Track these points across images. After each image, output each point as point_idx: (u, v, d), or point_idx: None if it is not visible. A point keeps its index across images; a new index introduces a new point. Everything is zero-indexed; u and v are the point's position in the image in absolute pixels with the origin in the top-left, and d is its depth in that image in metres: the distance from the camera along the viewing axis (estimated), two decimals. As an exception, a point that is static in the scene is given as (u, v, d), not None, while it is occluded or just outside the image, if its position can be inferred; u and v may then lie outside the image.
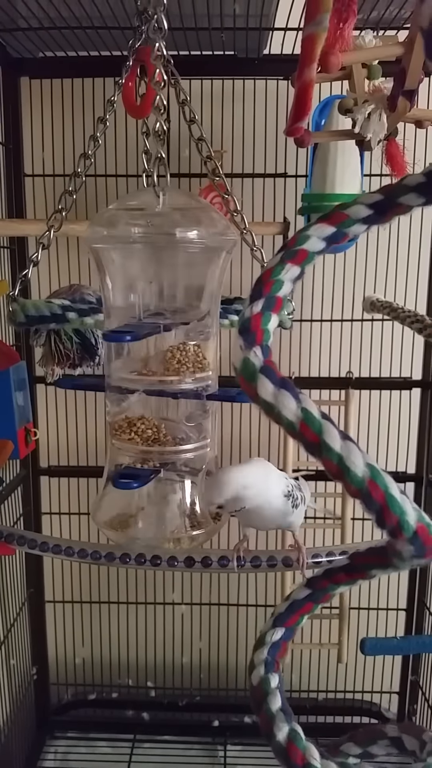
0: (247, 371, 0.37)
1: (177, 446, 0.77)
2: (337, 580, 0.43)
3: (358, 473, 0.34)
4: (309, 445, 0.35)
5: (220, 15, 0.99)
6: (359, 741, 0.55)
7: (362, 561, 0.41)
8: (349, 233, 0.39)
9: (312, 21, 0.55)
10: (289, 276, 0.39)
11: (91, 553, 0.80)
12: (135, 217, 0.75)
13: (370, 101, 0.75)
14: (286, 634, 0.45)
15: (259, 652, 0.44)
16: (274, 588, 1.41)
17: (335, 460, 0.34)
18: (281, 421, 0.36)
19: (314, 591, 0.44)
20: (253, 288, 0.39)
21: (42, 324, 0.86)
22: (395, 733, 0.55)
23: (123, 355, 0.79)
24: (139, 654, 1.49)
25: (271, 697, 0.42)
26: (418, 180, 0.37)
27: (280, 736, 0.41)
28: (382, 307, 1.08)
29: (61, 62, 1.17)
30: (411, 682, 1.41)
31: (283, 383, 0.36)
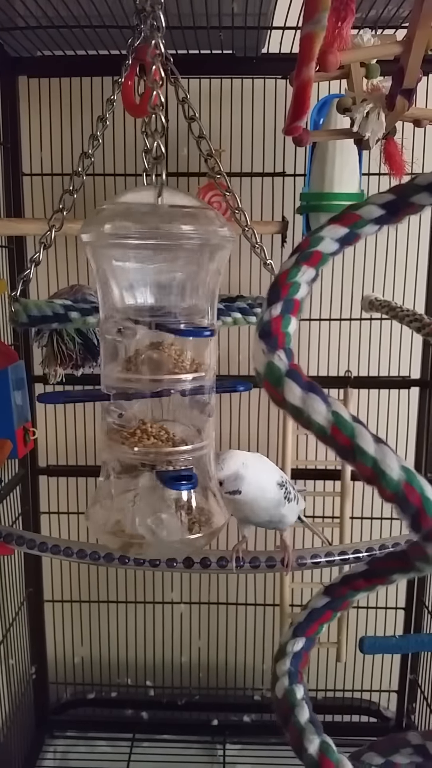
0: (273, 376, 0.36)
1: (189, 445, 0.77)
2: (357, 586, 0.42)
3: (394, 477, 0.33)
4: (341, 450, 0.34)
5: (218, 14, 0.99)
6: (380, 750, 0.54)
7: (382, 566, 0.40)
8: (362, 234, 0.39)
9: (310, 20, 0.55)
10: (305, 278, 0.38)
11: (90, 554, 0.80)
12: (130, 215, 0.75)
13: (368, 100, 0.75)
14: (306, 644, 0.44)
15: (281, 663, 0.43)
16: (272, 587, 1.41)
17: (370, 464, 0.33)
18: (311, 426, 0.35)
19: (333, 599, 0.43)
20: (269, 291, 0.38)
21: (44, 324, 0.86)
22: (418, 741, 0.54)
23: (121, 358, 0.79)
24: (138, 653, 1.49)
25: (299, 709, 0.41)
26: (429, 179, 0.37)
27: (311, 749, 0.39)
28: (380, 306, 1.08)
29: (59, 61, 1.17)
30: (410, 681, 1.41)
31: (311, 387, 0.35)
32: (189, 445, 0.77)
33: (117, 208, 0.76)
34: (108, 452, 0.80)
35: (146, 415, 0.79)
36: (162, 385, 0.76)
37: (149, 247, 0.73)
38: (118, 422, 0.78)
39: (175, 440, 0.76)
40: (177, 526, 0.77)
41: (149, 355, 0.77)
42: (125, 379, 0.77)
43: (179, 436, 0.77)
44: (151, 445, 0.75)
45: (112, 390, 0.78)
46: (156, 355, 0.77)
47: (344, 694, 1.45)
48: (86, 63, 1.17)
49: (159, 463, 0.76)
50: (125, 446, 0.76)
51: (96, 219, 0.75)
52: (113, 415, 0.79)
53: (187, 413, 0.80)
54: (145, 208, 0.75)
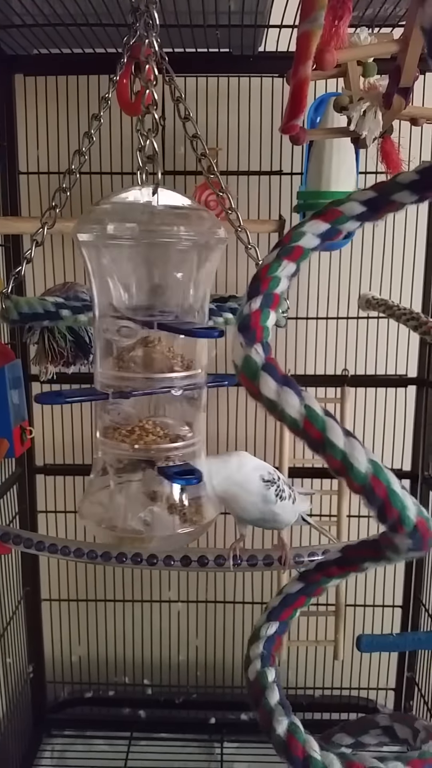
0: (249, 369, 0.37)
1: (178, 442, 0.77)
2: (330, 573, 0.43)
3: (362, 470, 0.34)
4: (312, 443, 0.35)
5: (215, 12, 0.99)
6: (351, 731, 0.56)
7: (354, 554, 0.41)
8: (343, 230, 0.39)
9: (307, 18, 0.55)
10: (285, 273, 0.39)
11: (87, 553, 0.80)
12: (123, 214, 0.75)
13: (365, 99, 0.75)
14: (280, 627, 0.45)
15: (255, 646, 0.44)
16: (270, 585, 1.41)
17: (339, 457, 0.35)
18: (284, 418, 0.36)
19: (307, 584, 0.44)
20: (250, 285, 0.39)
21: (35, 321, 0.86)
22: (387, 723, 0.56)
23: (114, 356, 0.79)
24: (135, 652, 1.49)
25: (269, 692, 0.42)
26: (411, 177, 0.37)
27: (279, 729, 0.41)
28: (377, 304, 1.08)
29: (55, 59, 1.17)
30: (407, 679, 1.41)
31: (286, 380, 0.36)
32: (183, 441, 0.77)
33: (110, 208, 0.76)
34: (105, 450, 0.80)
35: (142, 413, 0.79)
36: (156, 382, 0.76)
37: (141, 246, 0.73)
38: (116, 420, 0.78)
39: (172, 436, 0.77)
40: (168, 520, 0.78)
41: (144, 352, 0.77)
42: (119, 377, 0.77)
43: (174, 432, 0.77)
44: (151, 442, 0.76)
45: (108, 388, 0.79)
46: (151, 352, 0.77)
47: (341, 692, 1.46)
48: (82, 61, 1.16)
49: (158, 459, 0.76)
50: (126, 444, 0.77)
51: (89, 218, 0.75)
52: (112, 414, 0.79)
53: (178, 409, 0.80)
54: (138, 207, 0.75)
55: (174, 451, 0.77)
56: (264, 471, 0.77)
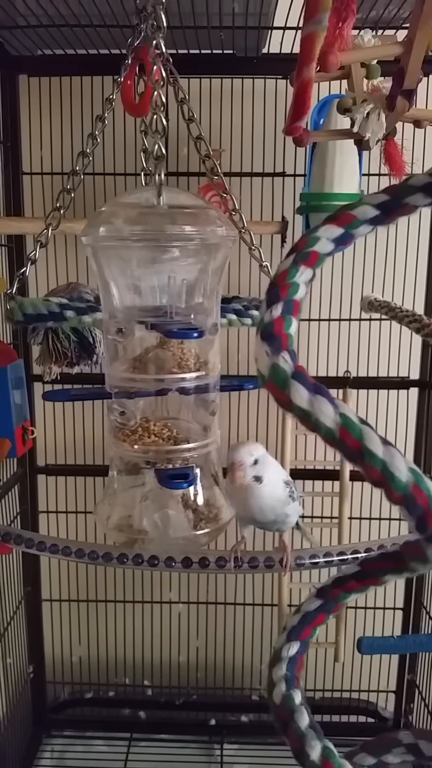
0: (278, 378, 0.35)
1: (192, 443, 0.77)
2: (349, 588, 0.41)
3: (403, 479, 0.33)
4: (349, 453, 0.34)
5: (219, 14, 0.99)
6: (372, 750, 0.54)
7: (374, 567, 0.40)
8: (356, 234, 0.38)
9: (311, 20, 0.55)
10: (303, 279, 0.38)
11: (88, 553, 0.80)
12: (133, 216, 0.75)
13: (368, 101, 0.75)
14: (301, 648, 0.43)
15: (277, 668, 0.42)
16: (270, 587, 1.41)
17: (379, 467, 0.33)
18: (319, 428, 0.34)
19: (326, 601, 0.42)
20: (268, 291, 0.38)
21: (40, 322, 0.86)
22: (410, 740, 0.54)
23: (125, 357, 0.79)
24: (135, 653, 1.49)
25: (299, 715, 0.40)
26: (424, 180, 0.36)
27: (314, 755, 0.39)
28: (380, 306, 1.08)
29: (59, 60, 1.17)
30: (408, 682, 1.41)
31: (318, 389, 0.35)
32: (191, 444, 0.77)
33: (117, 210, 0.76)
34: (112, 449, 0.80)
35: (151, 413, 0.79)
36: (164, 383, 0.76)
37: (149, 248, 0.74)
38: (119, 420, 0.79)
39: (178, 439, 0.77)
40: (184, 523, 0.78)
41: (153, 354, 0.78)
42: (130, 378, 0.77)
43: (182, 434, 0.77)
44: (151, 443, 0.76)
45: (115, 389, 0.79)
46: (160, 354, 0.77)
47: (342, 694, 1.45)
48: (86, 62, 1.17)
49: (159, 461, 0.76)
50: (126, 444, 0.77)
51: (97, 221, 0.75)
52: (115, 413, 0.79)
53: (192, 411, 0.80)
54: (145, 209, 0.75)
55: (177, 454, 0.77)
56: (283, 472, 0.77)
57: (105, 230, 0.73)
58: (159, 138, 0.77)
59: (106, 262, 0.76)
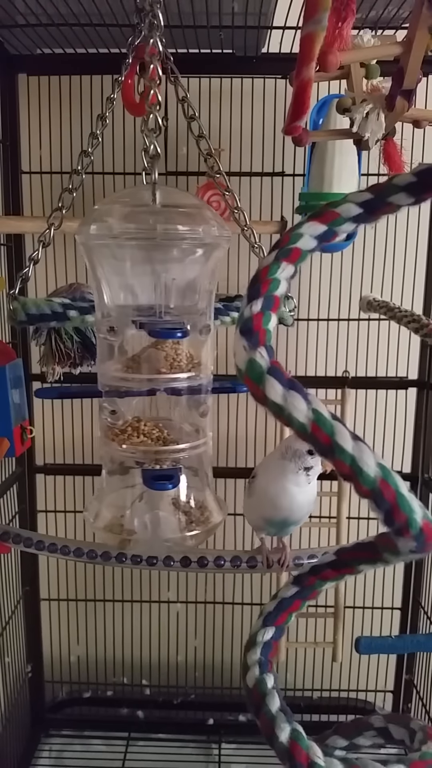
0: (254, 372, 0.36)
1: (182, 444, 0.77)
2: (325, 576, 0.43)
3: (371, 474, 0.34)
4: (320, 447, 0.35)
5: (218, 13, 0.99)
6: (345, 733, 0.55)
7: (349, 556, 0.41)
8: (339, 232, 0.39)
9: (311, 20, 0.55)
10: (284, 275, 0.39)
11: (87, 552, 0.80)
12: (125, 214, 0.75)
13: (368, 101, 0.75)
14: (276, 633, 0.45)
15: (252, 652, 0.44)
16: (269, 586, 1.41)
17: (348, 462, 0.34)
18: (292, 422, 0.35)
19: (302, 588, 0.44)
20: (249, 287, 0.38)
21: (43, 322, 0.86)
22: (381, 724, 0.55)
23: (117, 356, 0.79)
24: (134, 652, 1.49)
25: (270, 698, 0.42)
26: (408, 180, 0.37)
27: (282, 737, 0.41)
28: (378, 306, 1.08)
29: (59, 59, 1.17)
30: (405, 681, 1.41)
31: (292, 384, 0.36)
32: (181, 445, 0.77)
33: (110, 208, 0.76)
34: (102, 449, 0.80)
35: (142, 413, 0.79)
36: (155, 383, 0.76)
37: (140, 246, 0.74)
38: (110, 419, 0.79)
39: (167, 439, 0.76)
40: (173, 524, 0.77)
41: (147, 353, 0.77)
42: (121, 377, 0.77)
43: (173, 435, 0.77)
44: (139, 443, 0.76)
45: (107, 387, 0.79)
46: (153, 354, 0.77)
47: (340, 694, 1.45)
48: (86, 61, 1.16)
49: (148, 461, 0.76)
50: (115, 443, 0.77)
51: (89, 219, 0.75)
52: (105, 412, 0.79)
53: (184, 412, 0.80)
54: (138, 207, 0.75)
55: (165, 454, 0.76)
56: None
57: (96, 228, 0.73)
58: (155, 137, 0.77)
59: (98, 261, 0.76)
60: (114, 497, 0.80)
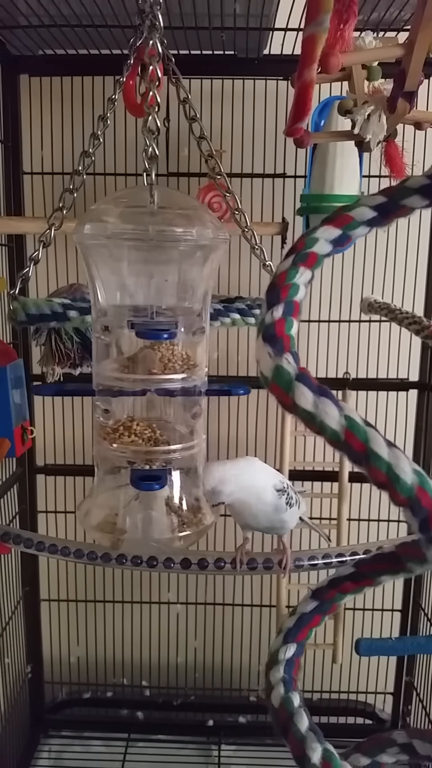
0: (282, 380, 0.35)
1: (173, 445, 0.77)
2: (344, 589, 0.41)
3: (408, 481, 0.33)
4: (354, 455, 0.34)
5: (220, 15, 0.99)
6: (366, 751, 0.53)
7: (369, 568, 0.39)
8: (353, 236, 0.38)
9: (313, 21, 0.55)
10: (302, 280, 0.38)
11: (87, 554, 0.80)
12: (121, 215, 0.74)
13: (369, 102, 0.75)
14: (298, 650, 0.43)
15: (275, 671, 0.42)
16: (269, 588, 1.41)
17: (384, 469, 0.33)
18: (324, 430, 0.34)
19: (321, 602, 0.42)
20: (268, 293, 0.37)
21: (43, 322, 0.86)
22: (405, 740, 0.53)
23: (112, 356, 0.79)
24: (134, 653, 1.49)
25: (298, 718, 0.40)
26: (421, 182, 0.36)
27: (315, 758, 0.39)
28: (379, 308, 1.08)
29: (60, 60, 1.17)
30: (405, 683, 1.41)
31: (322, 390, 0.35)
32: (173, 446, 0.77)
33: (107, 208, 0.76)
34: (95, 448, 0.80)
35: (136, 413, 0.79)
36: (149, 384, 0.76)
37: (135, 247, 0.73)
38: (102, 418, 0.79)
39: (159, 440, 0.76)
40: (165, 525, 0.77)
41: (143, 354, 0.77)
42: (116, 377, 0.77)
43: (165, 436, 0.77)
44: (129, 443, 0.75)
45: (100, 386, 0.79)
46: (148, 354, 0.77)
47: (340, 695, 1.45)
48: (88, 62, 1.17)
49: (138, 461, 0.76)
50: (106, 442, 0.76)
51: (86, 219, 0.75)
52: (98, 411, 0.79)
53: (178, 413, 0.80)
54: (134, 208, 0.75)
55: (156, 455, 0.76)
56: (276, 480, 0.77)
57: (91, 228, 0.73)
58: (153, 138, 0.77)
59: (93, 260, 0.76)
60: (106, 496, 0.80)
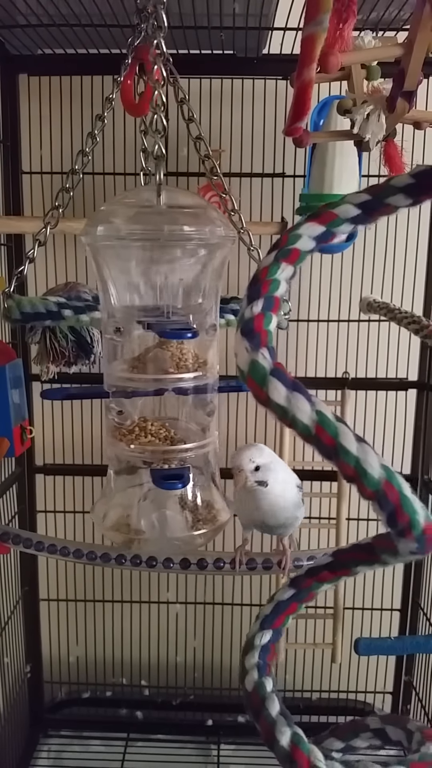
0: (257, 374, 0.36)
1: (189, 444, 0.77)
2: (322, 578, 0.42)
3: (375, 475, 0.34)
4: (324, 449, 0.35)
5: (219, 14, 0.99)
6: (341, 735, 0.55)
7: (346, 558, 0.41)
8: (337, 233, 0.39)
9: (312, 21, 0.55)
10: (284, 275, 0.38)
11: (86, 553, 0.80)
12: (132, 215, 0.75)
13: (368, 102, 0.75)
14: (273, 636, 0.44)
15: (250, 656, 0.43)
16: (268, 588, 1.41)
17: (352, 463, 0.34)
18: (296, 425, 0.35)
19: (299, 590, 0.44)
20: (249, 288, 0.38)
21: (37, 321, 0.86)
22: (378, 725, 0.55)
23: (124, 357, 0.79)
24: (133, 653, 1.49)
25: (269, 702, 0.41)
26: (406, 181, 0.37)
27: (283, 741, 0.40)
28: (378, 308, 1.08)
29: (59, 59, 1.17)
30: (404, 683, 1.41)
31: (295, 386, 0.35)
32: (188, 444, 0.77)
33: (117, 209, 0.76)
34: (109, 449, 0.80)
35: (149, 413, 0.79)
36: (161, 383, 0.76)
37: (147, 247, 0.74)
38: (117, 419, 0.79)
39: (175, 439, 0.76)
40: (181, 523, 0.77)
41: (153, 354, 0.77)
42: (128, 378, 0.77)
43: (180, 434, 0.77)
44: (147, 443, 0.76)
45: (113, 388, 0.79)
46: (159, 354, 0.77)
47: (339, 695, 1.45)
48: (86, 61, 1.17)
49: (156, 461, 0.76)
50: (123, 443, 0.77)
51: (96, 220, 0.75)
52: (113, 413, 0.79)
53: (191, 412, 0.80)
54: (144, 208, 0.75)
55: (173, 454, 0.76)
56: (295, 477, 0.76)
57: (104, 229, 0.73)
58: (159, 137, 0.77)
59: (104, 262, 0.76)
60: (121, 497, 0.80)
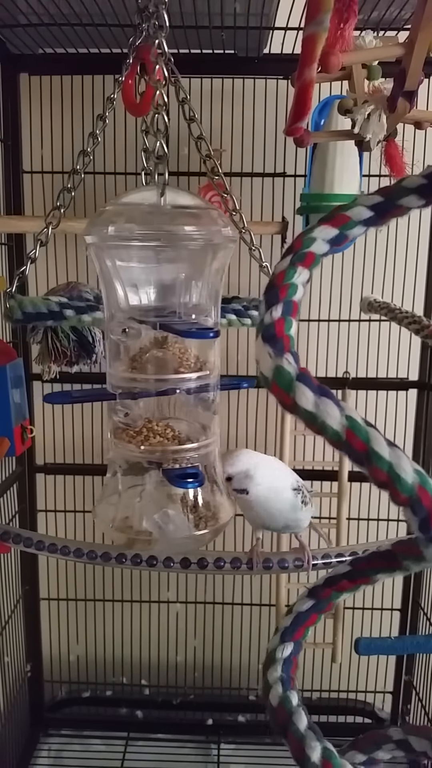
0: (283, 380, 0.35)
1: (195, 443, 0.77)
2: (341, 587, 0.41)
3: (409, 480, 0.33)
4: (355, 455, 0.34)
5: (220, 13, 0.99)
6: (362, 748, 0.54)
7: (365, 566, 0.40)
8: (350, 235, 0.38)
9: (313, 21, 0.55)
10: (301, 279, 0.38)
11: (87, 553, 0.79)
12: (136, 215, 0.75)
13: (369, 102, 0.75)
14: (295, 649, 0.43)
15: (272, 669, 0.42)
16: (269, 587, 1.41)
17: (385, 469, 0.33)
18: (325, 431, 0.34)
19: (318, 601, 0.42)
20: (267, 292, 0.37)
21: (39, 321, 0.86)
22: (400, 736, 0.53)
23: (129, 358, 0.79)
24: (133, 652, 1.49)
25: (297, 717, 0.40)
26: (418, 182, 0.36)
27: (314, 757, 0.38)
28: (379, 307, 1.08)
29: (60, 59, 1.17)
30: (405, 682, 1.41)
31: (323, 390, 0.34)
32: (195, 443, 0.77)
33: (120, 209, 0.76)
34: (115, 451, 0.80)
35: (152, 414, 0.79)
36: (167, 384, 0.76)
37: (152, 248, 0.73)
38: (124, 421, 0.78)
39: (181, 438, 0.77)
40: (184, 522, 0.77)
41: (154, 354, 0.77)
42: (131, 378, 0.77)
43: (185, 434, 0.77)
44: (157, 444, 0.76)
45: (118, 389, 0.79)
46: (161, 353, 0.77)
47: (339, 694, 1.45)
48: (87, 61, 1.17)
49: (165, 461, 0.76)
50: (132, 445, 0.76)
51: (99, 220, 0.75)
52: (119, 414, 0.79)
53: (192, 411, 0.80)
54: (147, 208, 0.75)
55: (182, 453, 0.76)
56: (293, 479, 0.77)
57: (108, 230, 0.73)
58: (161, 137, 0.77)
59: (109, 262, 0.76)
60: (127, 498, 0.80)
